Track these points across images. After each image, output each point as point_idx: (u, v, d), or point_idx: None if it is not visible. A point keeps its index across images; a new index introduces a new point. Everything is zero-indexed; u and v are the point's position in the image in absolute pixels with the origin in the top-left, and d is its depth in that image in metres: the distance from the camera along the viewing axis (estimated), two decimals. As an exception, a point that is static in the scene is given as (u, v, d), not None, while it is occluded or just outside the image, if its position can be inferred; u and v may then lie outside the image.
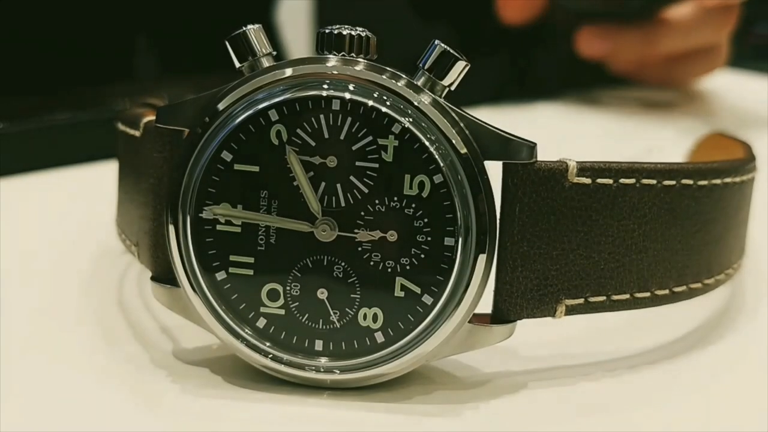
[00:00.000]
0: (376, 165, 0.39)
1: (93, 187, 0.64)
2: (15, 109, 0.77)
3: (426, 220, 0.39)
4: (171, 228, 0.40)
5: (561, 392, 0.41)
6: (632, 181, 0.41)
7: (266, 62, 0.40)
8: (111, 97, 0.82)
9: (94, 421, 0.38)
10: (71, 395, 0.40)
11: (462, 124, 0.39)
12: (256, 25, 0.40)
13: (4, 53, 0.91)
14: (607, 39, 0.93)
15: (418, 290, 0.39)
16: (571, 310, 0.41)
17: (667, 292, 0.43)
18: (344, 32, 0.40)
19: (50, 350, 0.44)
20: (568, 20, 0.97)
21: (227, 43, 0.40)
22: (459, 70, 0.39)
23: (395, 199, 0.39)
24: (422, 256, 0.39)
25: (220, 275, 0.40)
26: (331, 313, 0.40)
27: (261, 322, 0.40)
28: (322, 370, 0.40)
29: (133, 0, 0.99)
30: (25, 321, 0.47)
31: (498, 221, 0.39)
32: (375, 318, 0.40)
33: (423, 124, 0.39)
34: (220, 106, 0.39)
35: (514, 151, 0.39)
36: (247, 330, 0.40)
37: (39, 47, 0.94)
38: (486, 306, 0.41)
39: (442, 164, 0.39)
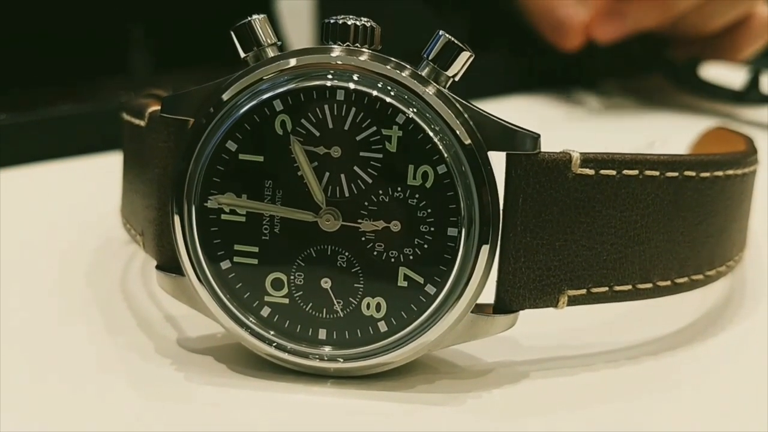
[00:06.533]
0: (380, 155, 0.39)
1: (97, 178, 0.64)
2: (16, 100, 0.78)
3: (429, 210, 0.39)
4: (176, 217, 0.40)
5: (562, 382, 0.42)
6: (635, 172, 0.41)
7: (271, 52, 0.40)
8: (113, 88, 0.82)
9: (97, 409, 0.38)
10: (74, 383, 0.40)
11: (466, 115, 0.39)
12: (262, 15, 0.40)
13: (5, 44, 0.91)
14: (619, 16, 0.89)
15: (421, 280, 0.40)
16: (573, 301, 0.41)
17: (669, 283, 0.44)
18: (349, 22, 0.40)
19: (54, 338, 0.44)
20: None
21: (232, 32, 0.40)
22: (463, 60, 0.39)
23: (399, 189, 0.39)
24: (425, 246, 0.39)
25: (225, 264, 0.40)
26: (335, 302, 0.40)
27: (265, 311, 0.40)
28: (325, 358, 0.40)
29: None
30: (28, 310, 0.47)
31: (501, 212, 0.40)
32: (378, 307, 0.40)
33: (427, 115, 0.39)
34: (225, 96, 0.40)
35: (518, 141, 0.39)
36: (251, 319, 0.40)
37: (40, 38, 0.94)
38: (489, 296, 0.41)
39: (446, 155, 0.39)
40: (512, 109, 0.87)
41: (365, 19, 0.40)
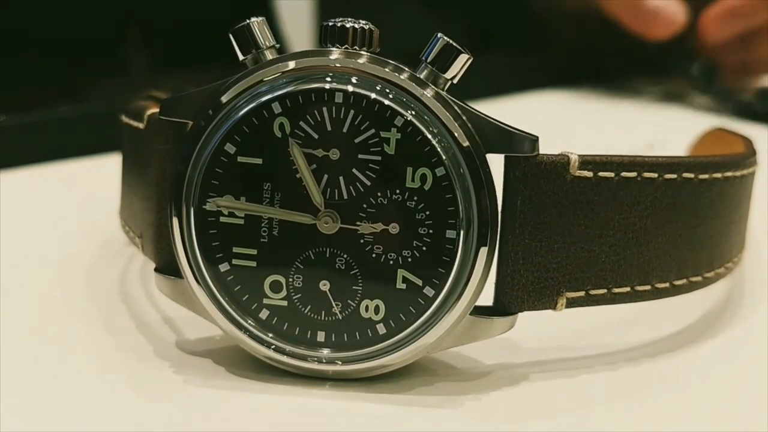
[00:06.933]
0: (379, 158, 0.39)
1: (96, 180, 0.65)
2: (17, 101, 0.78)
3: (428, 212, 0.39)
4: (174, 220, 0.40)
5: (561, 384, 0.42)
6: (633, 174, 0.41)
7: (269, 55, 0.40)
8: (113, 89, 0.82)
9: (96, 412, 0.38)
10: (73, 385, 0.40)
11: (464, 117, 0.39)
12: (260, 18, 0.40)
13: (6, 45, 0.91)
14: (731, 15, 0.87)
15: (419, 282, 0.40)
16: (572, 303, 0.41)
17: (667, 285, 0.44)
18: (347, 25, 0.40)
19: (53, 340, 0.44)
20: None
21: (231, 35, 0.40)
22: (462, 63, 0.39)
23: (397, 191, 0.39)
24: (424, 248, 0.39)
25: (224, 267, 0.40)
26: (333, 304, 0.40)
27: (264, 314, 0.40)
28: (324, 361, 0.40)
29: None
30: (27, 311, 0.47)
31: (499, 214, 0.40)
32: (377, 310, 0.40)
33: (425, 117, 0.39)
34: (224, 99, 0.40)
35: (516, 144, 0.39)
36: (249, 321, 0.40)
37: (40, 39, 0.94)
38: (487, 298, 0.41)
39: (444, 157, 0.39)
40: (513, 109, 0.87)
41: (364, 22, 0.40)
